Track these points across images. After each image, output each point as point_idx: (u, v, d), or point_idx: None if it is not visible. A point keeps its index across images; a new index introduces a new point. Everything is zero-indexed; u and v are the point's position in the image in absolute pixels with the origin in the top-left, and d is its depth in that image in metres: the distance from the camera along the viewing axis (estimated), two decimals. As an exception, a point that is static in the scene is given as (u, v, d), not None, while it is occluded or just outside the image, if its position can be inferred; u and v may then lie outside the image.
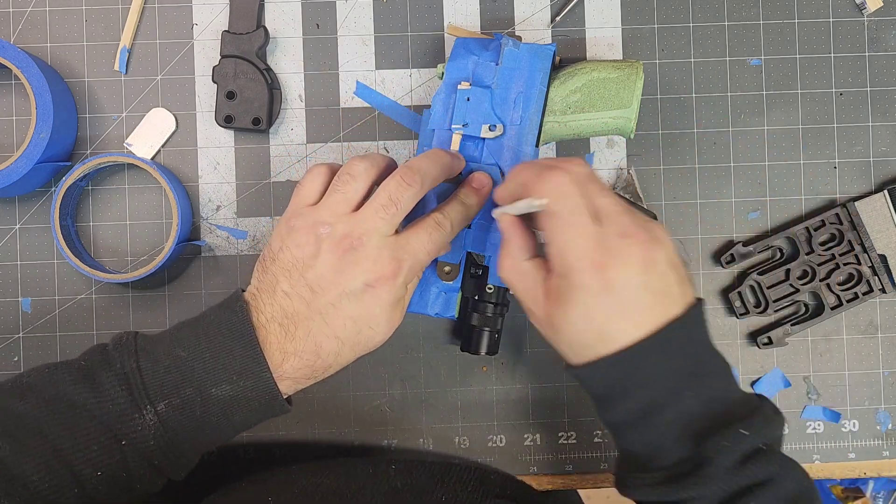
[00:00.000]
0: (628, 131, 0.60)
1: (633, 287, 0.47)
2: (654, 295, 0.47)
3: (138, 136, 0.65)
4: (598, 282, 0.47)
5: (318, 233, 0.51)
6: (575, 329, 0.48)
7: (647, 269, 0.47)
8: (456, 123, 0.59)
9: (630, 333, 0.47)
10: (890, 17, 0.67)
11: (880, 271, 0.65)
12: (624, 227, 0.48)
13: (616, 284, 0.47)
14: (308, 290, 0.51)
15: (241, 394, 0.50)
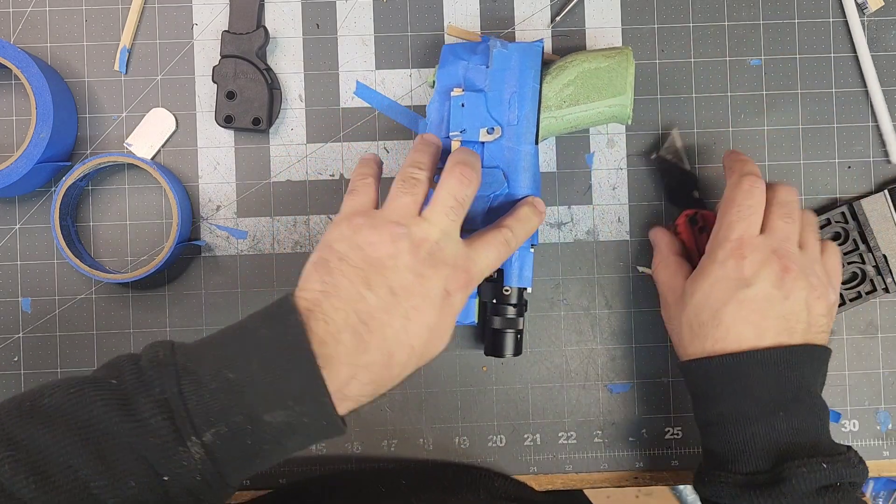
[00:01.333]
0: (625, 117, 0.60)
1: (758, 290, 0.52)
2: (773, 310, 0.52)
3: (138, 136, 0.65)
4: (733, 265, 0.53)
5: (393, 232, 0.47)
6: (697, 302, 0.54)
7: (778, 286, 0.52)
8: (453, 131, 0.59)
9: (745, 333, 0.52)
10: (890, 17, 0.67)
11: (884, 271, 0.65)
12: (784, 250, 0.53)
13: (746, 276, 0.52)
14: (388, 292, 0.46)
15: (297, 419, 0.44)
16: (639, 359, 0.66)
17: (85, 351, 0.65)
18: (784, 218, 0.55)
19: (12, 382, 0.65)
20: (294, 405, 0.44)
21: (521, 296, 0.60)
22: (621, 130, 0.66)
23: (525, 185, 0.60)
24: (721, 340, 0.52)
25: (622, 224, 0.66)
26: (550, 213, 0.66)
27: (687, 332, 0.55)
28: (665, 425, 0.66)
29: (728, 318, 0.52)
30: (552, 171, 0.66)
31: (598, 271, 0.66)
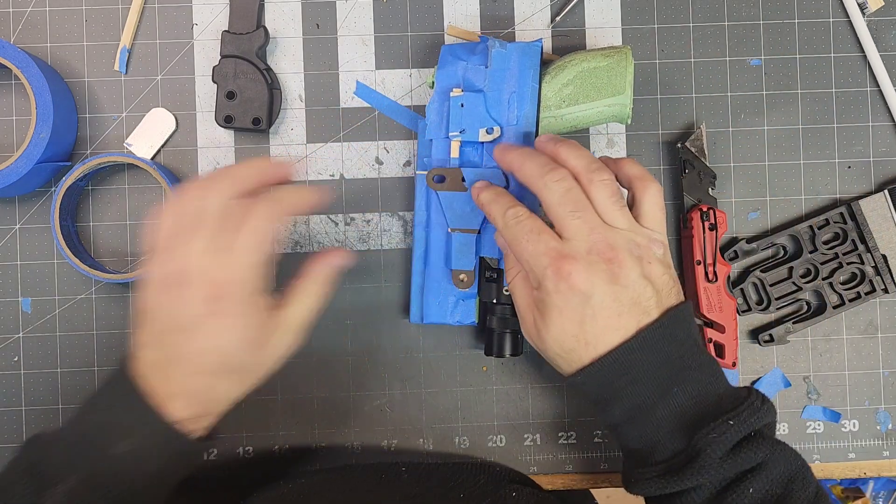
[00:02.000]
0: (625, 117, 0.60)
1: (599, 295, 0.51)
2: (622, 304, 0.51)
3: (138, 136, 0.65)
4: (566, 288, 0.51)
5: None
6: (557, 336, 0.52)
7: (612, 280, 0.51)
8: (453, 131, 0.60)
9: (609, 337, 0.51)
10: (890, 17, 0.67)
11: (883, 271, 0.65)
12: (593, 242, 0.51)
13: (583, 291, 0.51)
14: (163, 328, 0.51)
15: (142, 443, 0.49)
16: (639, 359, 0.66)
17: (85, 351, 0.65)
18: (571, 213, 0.52)
19: (12, 382, 0.65)
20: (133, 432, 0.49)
21: (520, 296, 0.60)
22: (621, 130, 0.66)
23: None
24: (592, 352, 0.51)
25: (622, 224, 0.66)
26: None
27: (559, 360, 0.54)
28: (665, 425, 0.66)
29: (589, 334, 0.51)
30: (552, 171, 0.66)
31: (598, 271, 0.66)
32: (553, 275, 0.51)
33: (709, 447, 0.49)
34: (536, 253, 0.52)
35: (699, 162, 0.64)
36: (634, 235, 0.52)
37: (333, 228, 0.66)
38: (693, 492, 0.50)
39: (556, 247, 0.51)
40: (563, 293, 0.51)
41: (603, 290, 0.51)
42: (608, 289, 0.51)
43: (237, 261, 0.50)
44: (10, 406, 0.65)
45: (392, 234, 0.66)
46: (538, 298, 0.53)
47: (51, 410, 0.65)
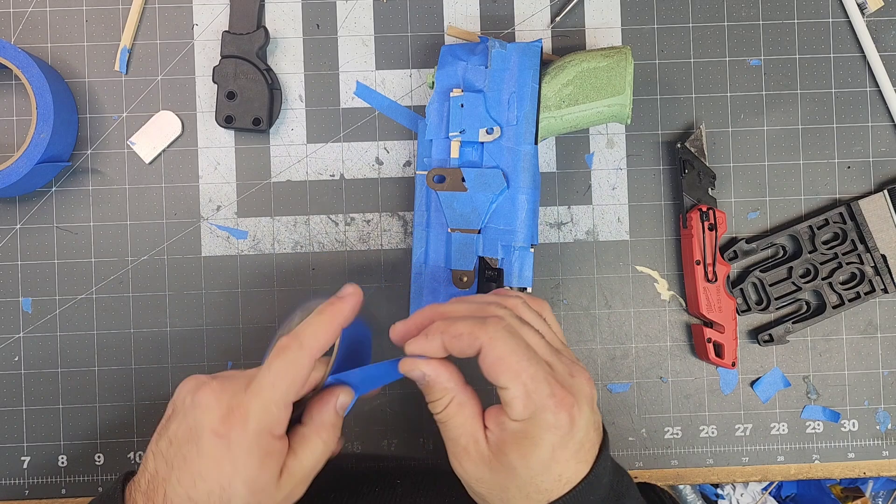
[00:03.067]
0: (625, 117, 0.61)
1: (586, 426, 0.46)
2: (596, 430, 0.47)
3: (142, 136, 0.65)
4: (566, 422, 0.45)
5: None
6: (535, 471, 0.46)
7: (593, 407, 0.47)
8: (453, 131, 0.60)
9: (580, 472, 0.46)
10: (889, 17, 0.67)
11: (882, 271, 0.65)
12: (567, 366, 0.47)
13: (579, 423, 0.45)
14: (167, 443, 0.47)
15: None
16: (639, 359, 0.66)
17: (85, 351, 0.65)
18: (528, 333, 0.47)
19: (13, 382, 0.65)
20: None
21: (521, 296, 0.61)
22: (621, 130, 0.66)
23: (525, 186, 0.60)
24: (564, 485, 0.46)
25: (622, 224, 0.66)
26: (550, 213, 0.66)
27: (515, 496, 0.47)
28: (665, 425, 0.66)
29: (572, 470, 0.46)
30: (552, 171, 0.66)
31: (598, 271, 0.66)
32: (556, 406, 0.45)
33: None
34: (538, 377, 0.45)
35: (699, 162, 0.64)
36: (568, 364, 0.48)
37: (333, 228, 0.66)
38: None
39: (549, 375, 0.46)
40: (563, 428, 0.45)
41: (588, 421, 0.46)
42: (591, 418, 0.46)
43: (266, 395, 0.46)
44: (10, 406, 0.65)
45: (392, 234, 0.66)
46: (526, 433, 0.45)
47: (51, 410, 0.65)
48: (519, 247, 0.60)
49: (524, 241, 0.60)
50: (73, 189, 0.65)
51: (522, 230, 0.60)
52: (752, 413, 0.66)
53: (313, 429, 0.48)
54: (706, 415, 0.66)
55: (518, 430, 0.45)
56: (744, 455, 0.66)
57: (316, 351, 0.47)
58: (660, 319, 0.66)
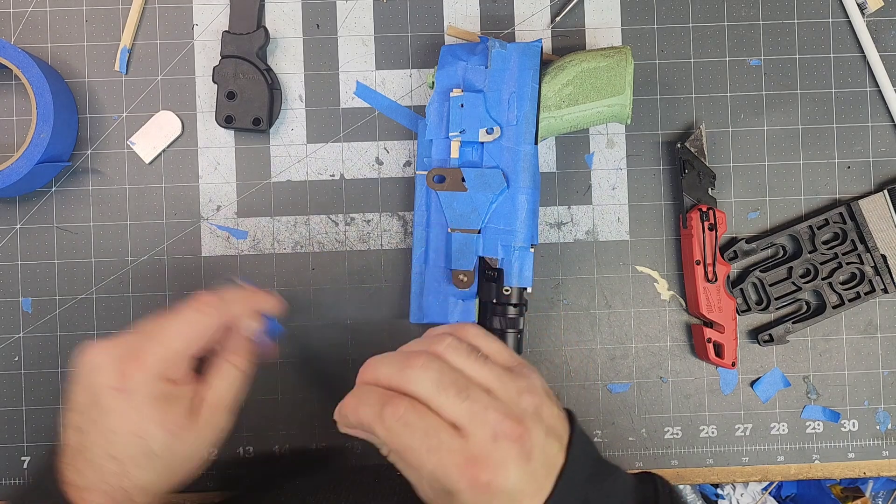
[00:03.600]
0: (625, 117, 0.61)
1: (519, 484, 0.43)
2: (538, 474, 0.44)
3: (142, 135, 0.65)
4: (487, 499, 0.43)
5: None
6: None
7: (527, 461, 0.44)
8: (453, 131, 0.60)
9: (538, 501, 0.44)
10: (889, 17, 0.67)
11: (882, 271, 0.65)
12: (493, 426, 0.43)
13: (503, 490, 0.43)
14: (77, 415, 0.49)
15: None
16: (638, 359, 0.66)
17: (85, 351, 0.65)
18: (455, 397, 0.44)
19: (13, 382, 0.65)
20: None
21: (521, 296, 0.60)
22: (621, 130, 0.66)
23: (525, 186, 0.60)
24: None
25: (622, 224, 0.66)
26: (550, 213, 0.66)
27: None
28: (664, 425, 0.66)
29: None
30: (552, 171, 0.66)
31: (598, 271, 0.66)
32: (469, 488, 0.42)
33: None
34: (441, 465, 0.43)
35: (699, 162, 0.64)
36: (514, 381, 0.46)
37: (333, 228, 0.66)
38: None
39: (460, 449, 0.43)
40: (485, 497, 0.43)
41: (520, 477, 0.43)
42: (524, 471, 0.43)
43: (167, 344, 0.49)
44: (10, 406, 0.65)
45: (392, 234, 0.66)
46: None
47: (51, 410, 0.65)
48: (519, 247, 0.60)
49: (524, 241, 0.60)
50: (73, 189, 0.65)
51: (522, 230, 0.60)
52: (752, 413, 0.66)
53: (223, 355, 0.52)
54: (706, 415, 0.66)
55: None
56: (744, 455, 0.66)
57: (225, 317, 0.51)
58: (660, 319, 0.66)
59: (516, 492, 0.43)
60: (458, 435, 0.43)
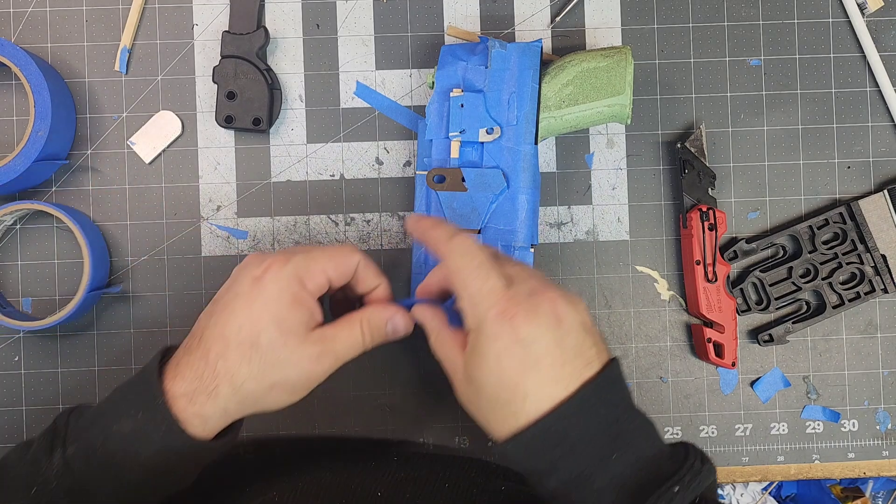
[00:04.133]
0: (624, 117, 0.61)
1: (544, 341, 0.47)
2: (566, 351, 0.47)
3: (142, 136, 0.65)
4: (508, 331, 0.47)
5: None
6: (491, 383, 0.47)
7: (558, 325, 0.47)
8: (453, 131, 0.60)
9: (550, 389, 0.47)
10: (889, 17, 0.67)
11: (882, 271, 0.65)
12: (533, 287, 0.48)
13: (526, 336, 0.46)
14: (212, 303, 0.52)
15: (140, 427, 0.49)
16: (639, 359, 0.66)
17: (85, 351, 0.65)
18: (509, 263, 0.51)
19: (13, 382, 0.65)
20: (136, 413, 0.49)
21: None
22: (621, 130, 0.66)
23: (525, 186, 0.60)
24: (533, 411, 0.47)
25: (622, 224, 0.66)
26: (550, 213, 0.66)
27: (492, 414, 0.49)
28: (665, 425, 0.66)
29: (531, 386, 0.47)
30: (552, 171, 0.66)
31: (598, 271, 0.66)
32: (496, 317, 0.47)
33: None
34: (481, 292, 0.48)
35: (699, 162, 0.64)
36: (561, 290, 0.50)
37: (333, 228, 0.66)
38: None
39: (501, 288, 0.48)
40: (505, 338, 0.47)
41: (547, 336, 0.47)
42: (553, 334, 0.47)
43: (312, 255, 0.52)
44: (10, 406, 0.65)
45: (392, 234, 0.66)
46: (475, 344, 0.48)
47: (51, 410, 0.65)
48: (519, 247, 0.60)
49: (524, 241, 0.60)
50: (73, 189, 0.65)
51: (522, 230, 0.60)
52: (752, 413, 0.66)
53: (363, 317, 0.53)
54: (706, 415, 0.66)
55: (472, 343, 0.49)
56: (744, 455, 0.66)
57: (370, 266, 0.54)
58: (660, 319, 0.66)
59: (538, 346, 0.47)
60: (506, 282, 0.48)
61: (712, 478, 0.48)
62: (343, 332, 0.52)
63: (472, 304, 0.48)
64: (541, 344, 0.47)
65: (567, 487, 0.47)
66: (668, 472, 0.47)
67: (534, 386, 0.47)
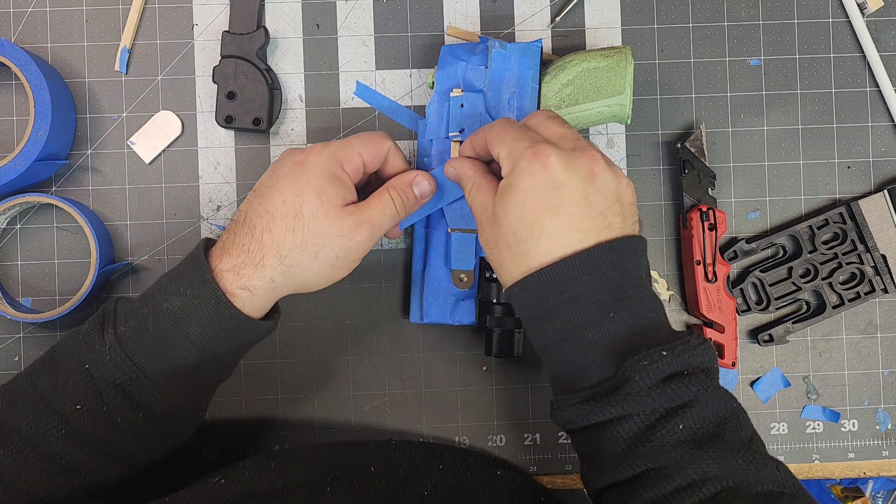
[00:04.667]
0: (625, 117, 0.61)
1: (571, 189, 0.49)
2: (591, 207, 0.49)
3: (142, 136, 0.65)
4: (540, 170, 0.49)
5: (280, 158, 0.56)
6: (513, 221, 0.49)
7: (590, 180, 0.49)
8: (453, 131, 0.60)
9: (565, 238, 0.49)
10: (889, 17, 0.67)
11: (882, 271, 0.65)
12: (578, 145, 0.50)
13: (555, 179, 0.49)
14: (254, 191, 0.55)
15: (190, 303, 0.51)
16: (639, 359, 0.66)
17: (85, 351, 0.65)
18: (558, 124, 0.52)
19: (13, 382, 0.65)
20: (185, 290, 0.51)
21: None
22: (621, 130, 0.66)
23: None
24: (544, 253, 0.49)
25: (622, 224, 0.66)
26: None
27: (507, 253, 0.50)
28: (665, 425, 0.66)
29: (548, 227, 0.48)
30: (552, 171, 0.66)
31: (598, 271, 0.66)
32: (531, 156, 0.49)
33: (637, 374, 0.46)
34: (519, 138, 0.51)
35: (699, 162, 0.64)
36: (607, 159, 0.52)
37: (333, 228, 0.66)
38: (619, 423, 0.47)
39: (540, 139, 0.51)
40: (535, 174, 0.49)
41: (576, 185, 0.48)
42: (582, 186, 0.49)
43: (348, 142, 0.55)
44: (10, 406, 0.65)
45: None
46: (506, 183, 0.50)
47: (51, 410, 0.65)
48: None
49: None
50: (73, 189, 0.65)
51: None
52: (752, 413, 0.66)
53: (389, 185, 0.56)
54: (706, 415, 0.66)
55: (504, 185, 0.51)
56: (744, 455, 0.66)
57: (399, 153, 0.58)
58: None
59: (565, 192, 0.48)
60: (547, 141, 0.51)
61: (707, 360, 0.49)
62: (374, 201, 0.55)
63: (509, 151, 0.51)
64: (567, 191, 0.48)
65: (561, 336, 0.49)
66: (662, 340, 0.48)
67: (550, 228, 0.49)
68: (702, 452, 0.46)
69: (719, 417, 0.47)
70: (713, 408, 0.47)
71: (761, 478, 0.46)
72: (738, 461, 0.46)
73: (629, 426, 0.47)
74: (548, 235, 0.48)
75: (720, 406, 0.48)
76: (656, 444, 0.46)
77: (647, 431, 0.47)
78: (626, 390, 0.46)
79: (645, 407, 0.46)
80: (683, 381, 0.47)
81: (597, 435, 0.48)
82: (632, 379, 0.46)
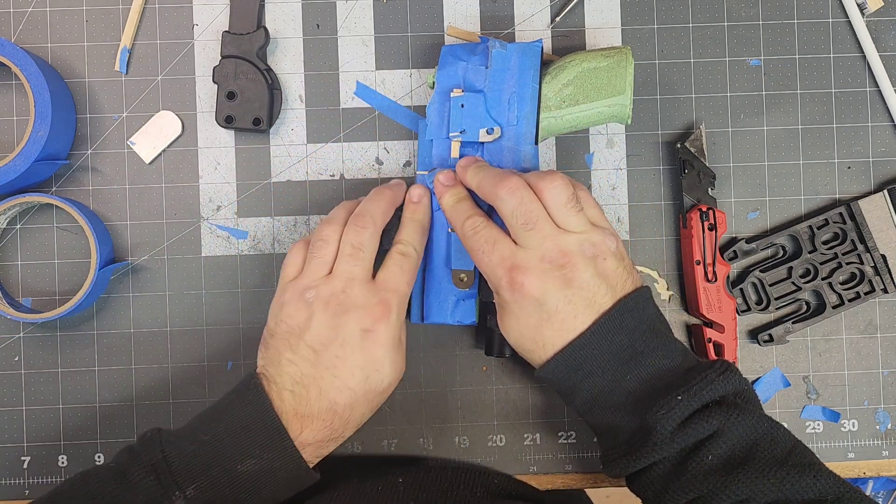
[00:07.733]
0: (625, 117, 0.61)
1: (554, 300, 0.53)
2: (578, 303, 0.53)
3: (143, 136, 0.65)
4: (520, 297, 0.53)
5: (305, 298, 0.55)
6: (517, 339, 0.55)
7: (566, 286, 0.53)
8: (453, 131, 0.60)
9: (563, 337, 0.53)
10: (889, 17, 0.67)
11: (882, 271, 0.65)
12: (544, 251, 0.53)
13: (535, 299, 0.53)
14: (310, 351, 0.54)
15: (267, 466, 0.51)
16: (639, 359, 0.66)
17: (85, 351, 0.65)
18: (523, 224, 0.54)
19: (13, 382, 0.65)
20: (261, 453, 0.51)
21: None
22: (621, 130, 0.66)
23: (525, 186, 0.60)
24: (550, 351, 0.54)
25: (622, 224, 0.66)
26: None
27: (525, 353, 0.56)
28: (665, 425, 0.66)
29: (546, 337, 0.53)
30: (552, 172, 0.66)
31: (598, 271, 0.66)
32: (507, 285, 0.53)
33: (658, 424, 0.50)
34: (492, 264, 0.54)
35: (699, 162, 0.64)
36: (589, 235, 0.54)
37: (333, 228, 0.66)
38: (655, 467, 0.52)
39: (510, 256, 0.54)
40: (518, 301, 0.53)
41: (556, 296, 0.53)
42: (561, 294, 0.53)
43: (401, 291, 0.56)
44: (10, 406, 0.65)
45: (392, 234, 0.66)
46: (498, 304, 0.56)
47: (51, 410, 0.65)
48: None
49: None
50: (73, 189, 0.65)
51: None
52: (752, 413, 0.66)
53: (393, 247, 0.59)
54: (706, 415, 0.66)
55: (499, 303, 0.56)
56: (744, 455, 0.66)
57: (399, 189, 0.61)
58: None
59: (549, 306, 0.53)
60: (515, 248, 0.54)
61: (732, 387, 0.52)
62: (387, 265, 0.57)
63: (487, 275, 0.55)
64: (552, 303, 0.53)
65: (589, 405, 0.55)
66: (679, 384, 0.52)
67: (550, 335, 0.53)
68: (732, 478, 0.49)
69: (750, 440, 0.51)
70: (740, 433, 0.51)
71: (798, 489, 0.49)
72: (769, 480, 0.49)
73: (661, 468, 0.52)
74: (550, 343, 0.54)
75: (748, 430, 0.51)
76: (689, 477, 0.51)
77: (678, 467, 0.51)
78: (652, 440, 0.51)
79: (671, 450, 0.51)
80: (704, 416, 0.51)
81: (640, 481, 0.54)
82: (654, 429, 0.51)
